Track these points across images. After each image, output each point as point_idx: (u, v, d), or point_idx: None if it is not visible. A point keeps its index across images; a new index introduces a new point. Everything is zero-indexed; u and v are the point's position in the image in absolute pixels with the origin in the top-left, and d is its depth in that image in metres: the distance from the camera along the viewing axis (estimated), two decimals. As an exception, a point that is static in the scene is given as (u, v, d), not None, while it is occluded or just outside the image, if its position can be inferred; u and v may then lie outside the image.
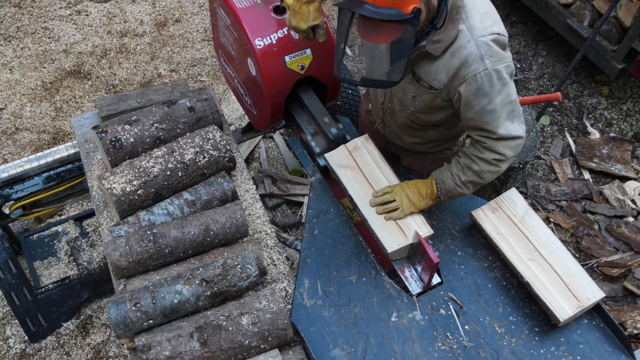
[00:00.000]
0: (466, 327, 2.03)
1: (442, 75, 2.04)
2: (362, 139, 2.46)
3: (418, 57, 2.08)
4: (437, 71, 2.05)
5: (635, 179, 4.02)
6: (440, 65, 2.03)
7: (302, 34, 2.36)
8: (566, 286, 2.04)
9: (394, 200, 2.22)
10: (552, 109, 4.51)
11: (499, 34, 1.97)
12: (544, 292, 2.02)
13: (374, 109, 2.57)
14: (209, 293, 2.02)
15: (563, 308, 1.99)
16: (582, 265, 3.53)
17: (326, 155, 2.46)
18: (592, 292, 2.03)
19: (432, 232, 2.19)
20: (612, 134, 4.29)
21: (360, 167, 2.38)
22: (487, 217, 2.24)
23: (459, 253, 2.23)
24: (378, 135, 2.65)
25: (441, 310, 2.07)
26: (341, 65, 2.15)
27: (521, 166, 3.46)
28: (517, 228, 2.21)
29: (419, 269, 2.15)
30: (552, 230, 3.76)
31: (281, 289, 2.28)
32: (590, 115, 4.45)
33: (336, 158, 2.43)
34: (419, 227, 2.18)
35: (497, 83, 1.96)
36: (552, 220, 3.80)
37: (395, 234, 2.17)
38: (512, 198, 2.29)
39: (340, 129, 2.60)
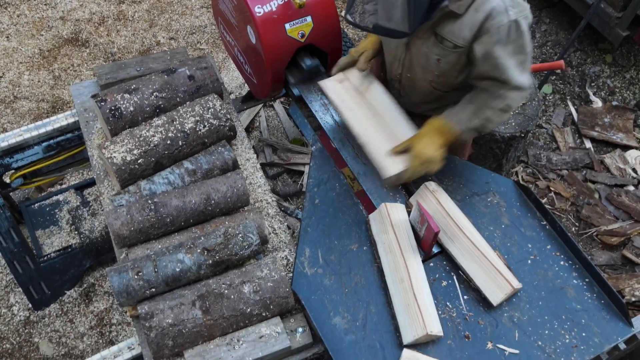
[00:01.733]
0: (465, 296, 2.05)
1: (466, 32, 2.02)
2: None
3: (440, 18, 2.04)
4: (461, 29, 2.03)
5: (636, 148, 4.00)
6: (464, 22, 2.01)
7: (343, 59, 2.48)
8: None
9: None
10: (554, 77, 4.47)
11: None
12: (374, 153, 2.23)
13: (390, 79, 2.51)
14: (210, 262, 2.03)
15: (387, 168, 2.20)
16: (582, 234, 3.58)
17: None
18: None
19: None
20: (614, 103, 4.26)
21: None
22: (334, 86, 2.41)
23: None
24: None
25: (443, 282, 2.09)
26: (353, 8, 2.10)
27: (522, 135, 3.45)
28: (361, 97, 2.38)
29: (420, 237, 2.16)
30: (553, 200, 3.77)
31: (282, 257, 2.29)
32: (593, 84, 4.41)
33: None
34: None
35: (514, 34, 1.98)
36: (552, 189, 3.80)
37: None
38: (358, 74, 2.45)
39: (314, 59, 2.65)
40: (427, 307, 1.92)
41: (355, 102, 2.37)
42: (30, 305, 3.25)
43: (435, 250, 2.15)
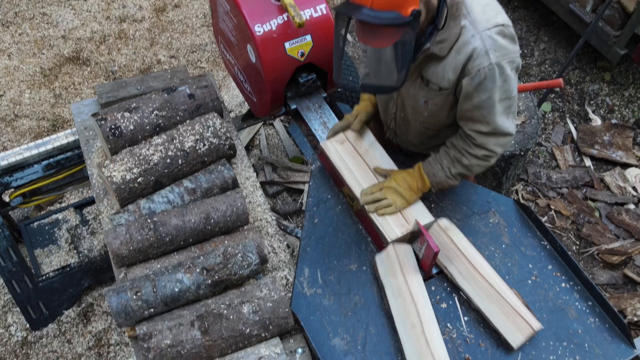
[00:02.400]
0: (466, 317, 2.03)
1: (449, 74, 1.99)
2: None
3: (424, 60, 2.03)
4: (445, 71, 2.00)
5: (636, 166, 4.01)
6: (447, 64, 1.98)
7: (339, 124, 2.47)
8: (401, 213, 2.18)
9: (386, 198, 2.19)
10: (553, 95, 4.49)
11: (503, 25, 1.92)
12: (380, 220, 2.16)
13: (385, 120, 2.51)
14: (209, 281, 2.02)
15: (393, 230, 2.13)
16: (583, 253, 3.57)
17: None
18: (422, 215, 2.17)
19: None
20: (613, 121, 4.27)
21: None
22: (335, 147, 2.37)
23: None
24: (390, 144, 2.60)
25: (443, 303, 2.07)
26: (341, 70, 2.12)
27: (522, 153, 3.45)
28: (361, 158, 2.33)
29: (420, 257, 2.15)
30: (553, 218, 3.76)
31: (282, 277, 2.28)
32: (592, 102, 4.42)
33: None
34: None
35: (499, 78, 1.93)
36: (552, 207, 3.80)
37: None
38: (360, 131, 2.42)
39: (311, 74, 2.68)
40: (440, 355, 1.88)
41: (356, 163, 2.33)
42: (27, 326, 3.22)
43: (434, 270, 2.14)
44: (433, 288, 2.10)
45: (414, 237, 2.15)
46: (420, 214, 2.18)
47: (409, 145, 2.49)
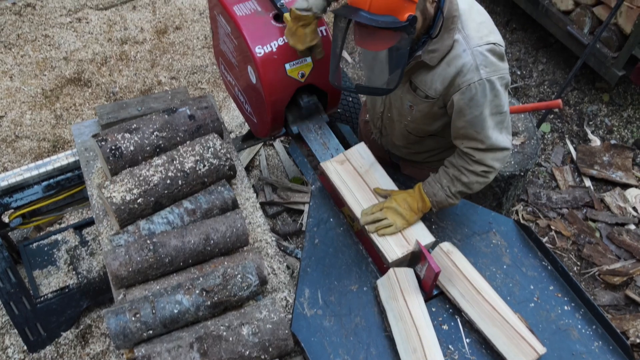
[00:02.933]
0: (468, 339, 2.02)
1: (437, 84, 2.04)
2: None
3: (415, 67, 2.08)
4: (433, 80, 2.05)
5: (636, 186, 4.01)
6: (436, 74, 2.03)
7: (300, 54, 2.45)
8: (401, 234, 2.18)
9: (386, 218, 2.20)
10: (552, 116, 4.51)
11: (494, 43, 1.97)
12: (380, 241, 2.17)
13: (372, 119, 2.56)
14: (209, 303, 2.01)
15: (393, 251, 2.13)
16: (584, 274, 3.55)
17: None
18: (423, 236, 2.17)
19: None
20: (612, 141, 4.29)
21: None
22: (335, 168, 2.38)
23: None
24: (376, 145, 2.65)
25: (444, 325, 2.05)
26: (336, 72, 2.17)
27: (522, 174, 3.45)
28: (361, 178, 2.35)
29: (421, 277, 2.14)
30: (554, 238, 3.75)
31: (282, 298, 2.26)
32: (591, 122, 4.44)
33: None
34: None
35: (489, 93, 1.97)
36: (553, 228, 3.79)
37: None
38: (360, 152, 2.43)
39: (312, 97, 2.70)
40: None
41: (356, 184, 2.34)
42: (25, 348, 3.19)
43: (435, 291, 2.13)
44: (434, 309, 2.09)
45: (415, 258, 2.15)
46: (421, 234, 2.18)
47: (393, 147, 2.54)
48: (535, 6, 4.49)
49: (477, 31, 1.97)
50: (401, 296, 2.03)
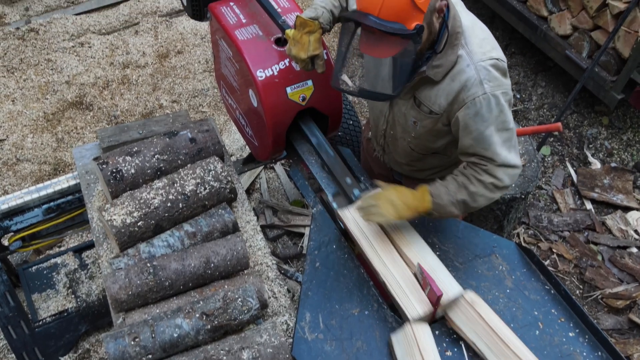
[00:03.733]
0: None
1: (442, 99, 2.05)
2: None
3: (419, 82, 2.09)
4: (437, 95, 2.06)
5: (637, 209, 4.00)
6: (440, 89, 2.04)
7: (301, 64, 2.37)
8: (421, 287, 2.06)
9: (377, 205, 2.10)
10: (552, 139, 4.52)
11: (497, 59, 1.99)
12: (397, 291, 2.05)
13: (374, 136, 2.56)
14: (209, 327, 1.99)
15: (414, 308, 2.00)
16: (587, 297, 3.53)
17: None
18: (450, 286, 2.04)
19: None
20: (613, 164, 4.29)
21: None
22: (353, 216, 2.24)
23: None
24: (379, 162, 2.65)
25: (447, 351, 2.03)
26: (339, 75, 2.17)
27: (523, 196, 3.45)
28: (382, 229, 2.22)
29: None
30: (556, 262, 3.73)
31: (282, 322, 2.24)
32: (591, 145, 4.45)
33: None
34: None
35: (495, 108, 1.97)
36: (555, 250, 3.77)
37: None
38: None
39: (363, 189, 2.45)
40: None
41: (375, 234, 2.21)
42: (23, 372, 3.16)
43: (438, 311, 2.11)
44: (437, 332, 2.06)
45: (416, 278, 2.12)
46: (447, 283, 2.07)
47: (395, 164, 2.53)
48: (534, 30, 4.54)
49: (480, 47, 1.99)
50: (419, 355, 1.90)
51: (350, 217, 2.28)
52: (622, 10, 3.79)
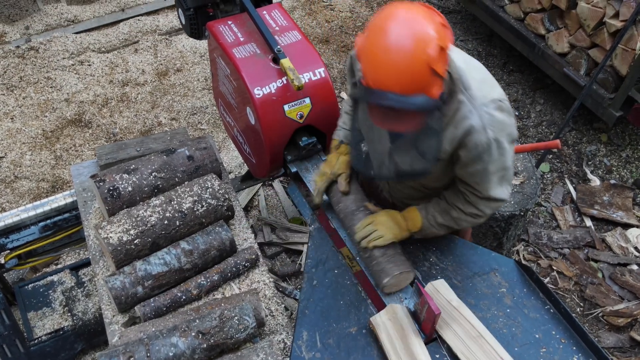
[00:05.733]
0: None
1: (446, 146, 1.98)
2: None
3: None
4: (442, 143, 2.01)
5: (637, 226, 3.98)
6: (444, 137, 1.97)
7: (319, 180, 2.38)
8: None
9: (377, 230, 2.19)
10: (551, 156, 4.52)
11: (499, 100, 1.94)
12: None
13: (379, 182, 2.56)
14: (205, 346, 1.97)
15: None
16: (587, 315, 3.50)
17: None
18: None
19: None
20: (612, 181, 4.28)
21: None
22: (385, 324, 2.05)
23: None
24: (386, 201, 2.60)
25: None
26: (369, 163, 2.13)
27: (522, 213, 3.44)
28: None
29: (421, 319, 2.10)
30: (556, 279, 3.71)
31: (279, 340, 2.22)
32: (590, 162, 4.45)
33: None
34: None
35: (495, 152, 1.94)
36: (555, 268, 3.75)
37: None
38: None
39: (311, 137, 2.65)
40: None
41: (405, 345, 2.01)
42: (17, 392, 3.12)
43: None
44: (437, 356, 2.04)
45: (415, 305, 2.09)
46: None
47: (404, 205, 2.49)
48: (532, 48, 4.56)
49: (480, 90, 1.93)
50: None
51: (381, 323, 2.07)
52: (619, 28, 3.81)
